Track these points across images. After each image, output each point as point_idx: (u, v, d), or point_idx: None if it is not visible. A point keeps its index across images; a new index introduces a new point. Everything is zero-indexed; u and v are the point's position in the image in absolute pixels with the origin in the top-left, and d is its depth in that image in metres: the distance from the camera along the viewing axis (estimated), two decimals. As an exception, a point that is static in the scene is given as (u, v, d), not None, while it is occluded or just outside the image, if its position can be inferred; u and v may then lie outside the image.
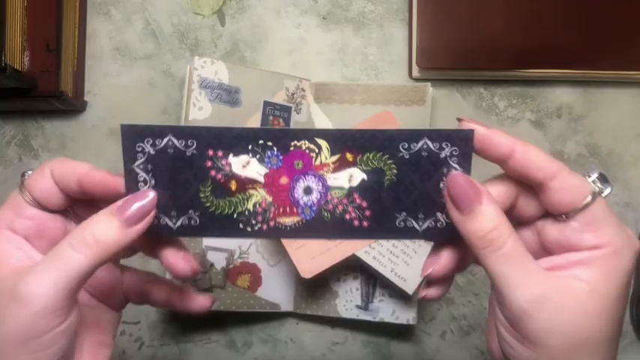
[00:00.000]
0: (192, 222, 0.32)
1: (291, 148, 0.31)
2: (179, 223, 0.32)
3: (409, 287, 0.55)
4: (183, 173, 0.31)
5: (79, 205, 0.34)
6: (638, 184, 0.61)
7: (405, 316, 0.57)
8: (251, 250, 0.57)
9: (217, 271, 0.56)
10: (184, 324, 0.60)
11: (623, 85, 0.61)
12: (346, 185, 0.32)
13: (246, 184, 0.32)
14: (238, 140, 0.31)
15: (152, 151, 0.31)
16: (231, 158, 0.31)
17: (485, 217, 0.30)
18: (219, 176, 0.32)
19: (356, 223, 0.32)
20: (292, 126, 0.58)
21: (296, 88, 0.59)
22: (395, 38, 0.62)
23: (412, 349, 0.60)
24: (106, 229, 0.30)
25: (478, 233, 0.30)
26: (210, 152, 0.31)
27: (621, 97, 0.61)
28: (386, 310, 0.57)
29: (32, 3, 0.55)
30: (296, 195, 0.32)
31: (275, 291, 0.58)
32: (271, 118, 0.58)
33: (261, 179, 0.32)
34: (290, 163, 0.32)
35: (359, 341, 0.60)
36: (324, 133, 0.31)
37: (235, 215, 0.32)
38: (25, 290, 0.28)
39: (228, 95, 0.56)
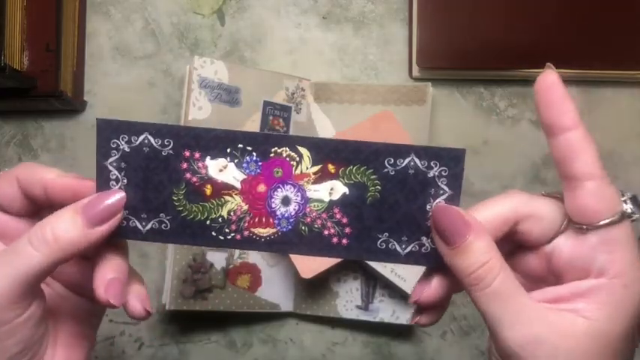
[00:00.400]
0: (163, 226, 0.31)
1: (271, 155, 0.30)
2: (149, 226, 0.31)
3: (409, 287, 0.55)
4: (157, 174, 0.30)
5: (47, 210, 0.32)
6: (638, 184, 0.61)
7: (405, 316, 0.57)
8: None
9: (217, 271, 0.56)
10: (184, 324, 0.60)
11: (623, 85, 0.61)
12: (326, 198, 0.30)
13: (221, 189, 0.30)
14: (216, 142, 0.30)
15: (127, 149, 0.30)
16: (208, 161, 0.30)
17: (473, 253, 0.28)
18: (194, 179, 0.30)
19: (335, 240, 0.30)
20: (292, 126, 0.58)
21: (296, 87, 0.59)
22: (395, 38, 0.62)
23: (412, 350, 0.60)
24: (68, 228, 0.28)
25: (466, 270, 0.28)
26: (187, 153, 0.30)
27: (621, 97, 0.61)
28: (386, 311, 0.57)
29: (32, 3, 0.55)
30: (273, 205, 0.30)
31: (275, 291, 0.58)
32: (271, 118, 0.58)
33: (238, 185, 0.30)
34: (269, 170, 0.30)
35: (359, 341, 0.60)
36: (307, 142, 0.30)
37: (208, 222, 0.30)
38: None
39: (228, 95, 0.56)
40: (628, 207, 0.29)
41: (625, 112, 0.61)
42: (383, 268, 0.55)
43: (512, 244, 0.31)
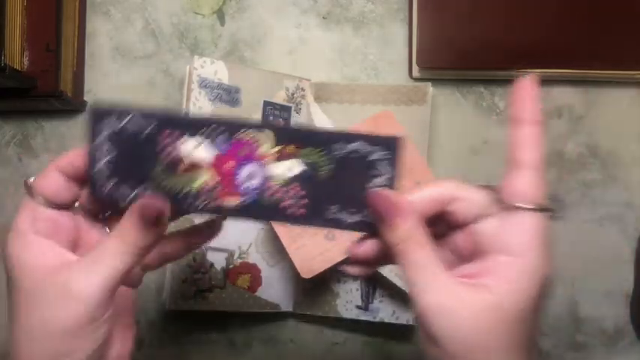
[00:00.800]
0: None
1: (240, 136, 0.35)
2: (132, 195, 0.35)
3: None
4: (140, 150, 0.34)
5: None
6: (639, 185, 0.61)
7: (405, 316, 0.57)
8: (251, 250, 0.57)
9: (217, 271, 0.56)
10: (184, 324, 0.60)
11: (623, 85, 0.61)
12: (286, 175, 0.35)
13: (195, 164, 0.34)
14: (194, 124, 0.34)
15: (115, 128, 0.34)
16: (184, 138, 0.34)
17: (400, 230, 0.33)
18: (171, 155, 0.34)
19: (292, 210, 0.35)
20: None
21: (296, 88, 0.59)
22: (395, 38, 0.62)
23: (412, 350, 0.60)
24: (137, 236, 0.33)
25: (394, 242, 0.33)
26: (167, 132, 0.34)
27: (621, 97, 0.61)
28: (386, 311, 0.57)
29: (32, 3, 0.55)
30: (239, 179, 0.35)
31: (275, 291, 0.58)
32: (271, 118, 0.58)
33: (210, 161, 0.35)
34: (237, 149, 0.35)
35: (359, 342, 0.60)
36: (271, 126, 0.35)
37: (183, 193, 0.35)
38: (77, 289, 0.32)
39: (228, 95, 0.56)
40: (548, 201, 0.33)
41: (625, 112, 0.61)
42: (382, 268, 0.55)
43: (445, 225, 0.36)
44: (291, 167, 0.35)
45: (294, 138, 0.35)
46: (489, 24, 0.58)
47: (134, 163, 0.35)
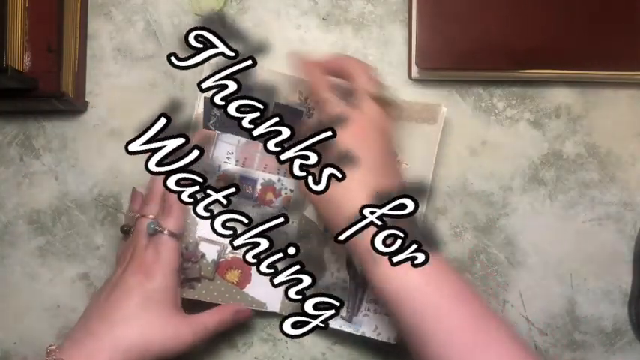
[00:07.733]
0: None
1: None
2: None
3: None
4: None
5: None
6: (637, 185, 0.61)
7: (387, 334, 0.57)
8: None
9: (208, 262, 0.56)
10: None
11: (621, 86, 0.61)
12: None
13: None
14: None
15: None
16: None
17: None
18: None
19: None
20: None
21: (310, 92, 0.59)
22: (394, 39, 0.62)
23: (411, 349, 0.60)
24: None
25: None
26: None
27: (620, 98, 0.62)
28: (369, 325, 0.57)
29: (33, 4, 0.55)
30: None
31: (263, 290, 0.57)
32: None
33: None
34: None
35: (360, 340, 0.60)
36: None
37: None
38: None
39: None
40: None
41: (623, 113, 0.62)
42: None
43: None
44: None
45: None
46: (488, 25, 0.59)
47: None
